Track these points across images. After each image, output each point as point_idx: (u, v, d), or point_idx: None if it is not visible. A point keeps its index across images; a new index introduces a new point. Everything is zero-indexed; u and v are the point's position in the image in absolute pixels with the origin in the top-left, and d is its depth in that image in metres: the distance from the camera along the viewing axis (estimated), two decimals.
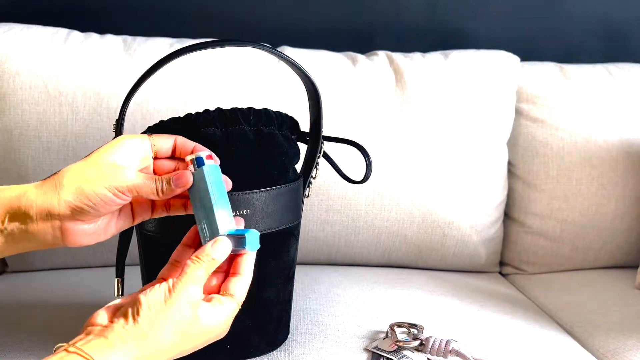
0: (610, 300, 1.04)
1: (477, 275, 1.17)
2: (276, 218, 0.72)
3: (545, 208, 1.19)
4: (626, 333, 0.92)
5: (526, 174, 1.20)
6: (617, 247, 1.21)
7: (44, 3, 1.26)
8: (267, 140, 0.72)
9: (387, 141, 1.10)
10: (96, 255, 1.08)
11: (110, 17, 1.28)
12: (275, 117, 0.73)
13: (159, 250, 0.71)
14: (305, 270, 1.07)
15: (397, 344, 0.77)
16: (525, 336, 0.88)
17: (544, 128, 1.19)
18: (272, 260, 0.74)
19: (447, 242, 1.13)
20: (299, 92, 1.05)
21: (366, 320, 0.86)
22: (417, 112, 1.11)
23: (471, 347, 0.79)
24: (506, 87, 1.18)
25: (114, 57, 1.06)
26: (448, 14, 1.36)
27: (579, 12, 1.39)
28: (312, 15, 1.33)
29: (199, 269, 0.54)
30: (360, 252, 1.13)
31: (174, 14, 1.30)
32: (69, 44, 1.07)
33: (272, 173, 0.72)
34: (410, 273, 1.12)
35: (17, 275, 1.07)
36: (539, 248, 1.20)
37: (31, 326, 0.82)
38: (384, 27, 1.34)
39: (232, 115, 0.71)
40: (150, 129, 0.70)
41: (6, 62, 1.03)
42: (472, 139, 1.13)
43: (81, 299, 0.93)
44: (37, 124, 1.02)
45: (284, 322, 0.79)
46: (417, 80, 1.13)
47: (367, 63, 1.15)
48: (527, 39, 1.38)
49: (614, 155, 1.18)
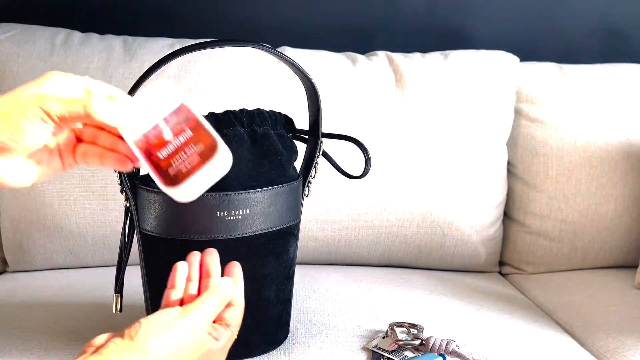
0: (609, 300, 1.05)
1: (477, 275, 1.17)
2: (276, 217, 0.72)
3: (545, 208, 1.19)
4: (625, 333, 0.92)
5: (526, 174, 1.21)
6: (616, 247, 1.21)
7: (44, 3, 1.26)
8: (262, 140, 0.72)
9: (387, 141, 1.10)
10: (96, 255, 1.09)
11: (110, 17, 1.28)
12: (269, 116, 0.74)
13: (159, 250, 0.72)
14: (305, 270, 1.07)
15: (397, 343, 0.77)
16: (524, 336, 0.88)
17: (543, 128, 1.20)
18: (271, 260, 0.74)
19: (447, 242, 1.13)
20: (298, 92, 1.05)
21: (366, 320, 0.86)
22: (416, 112, 1.12)
23: (471, 347, 0.79)
24: (506, 87, 1.18)
25: (114, 57, 1.06)
26: (448, 14, 1.36)
27: (578, 12, 1.39)
28: (312, 15, 1.33)
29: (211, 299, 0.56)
30: (360, 252, 1.13)
31: (174, 14, 1.30)
32: (69, 44, 1.07)
33: (269, 172, 0.72)
34: (410, 273, 1.12)
35: (17, 275, 1.08)
36: (538, 248, 1.21)
37: (31, 326, 0.82)
38: (384, 27, 1.35)
39: (225, 118, 0.71)
40: None
41: (6, 62, 1.03)
42: (472, 139, 1.13)
43: (81, 299, 0.93)
44: None
45: (284, 322, 0.79)
46: (417, 80, 1.13)
47: (367, 63, 1.15)
48: (526, 39, 1.38)
49: (614, 155, 1.18)
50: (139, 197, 0.71)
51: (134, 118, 0.53)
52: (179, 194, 0.52)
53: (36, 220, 1.05)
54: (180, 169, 0.52)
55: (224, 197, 0.68)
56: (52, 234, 1.05)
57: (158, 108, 0.54)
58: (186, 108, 0.54)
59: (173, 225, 0.69)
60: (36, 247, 1.06)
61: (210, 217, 0.69)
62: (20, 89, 0.52)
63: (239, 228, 0.70)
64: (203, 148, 0.52)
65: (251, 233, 0.71)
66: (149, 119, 0.54)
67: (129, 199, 0.71)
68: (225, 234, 0.69)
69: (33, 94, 0.51)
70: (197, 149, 0.52)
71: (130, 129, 0.53)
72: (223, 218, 0.69)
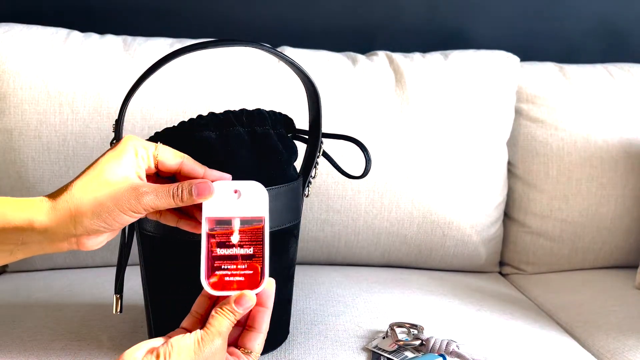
0: (610, 300, 1.05)
1: (477, 275, 1.17)
2: (276, 217, 0.72)
3: (545, 208, 1.19)
4: (626, 333, 0.92)
5: (526, 174, 1.21)
6: (616, 247, 1.21)
7: (44, 3, 1.26)
8: (262, 140, 0.72)
9: (387, 141, 1.10)
10: (96, 255, 1.09)
11: (110, 17, 1.28)
12: (269, 116, 0.74)
13: (159, 250, 0.72)
14: (305, 270, 1.07)
15: (397, 343, 0.77)
16: (525, 336, 0.88)
17: (543, 128, 1.20)
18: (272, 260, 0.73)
19: (447, 242, 1.13)
20: (298, 92, 1.05)
21: (366, 320, 0.86)
22: (417, 112, 1.11)
23: (471, 347, 0.79)
24: (506, 87, 1.18)
25: (114, 57, 1.06)
26: (448, 14, 1.36)
27: (579, 12, 1.39)
28: (312, 15, 1.33)
29: (225, 322, 0.55)
30: (360, 252, 1.13)
31: (174, 14, 1.30)
32: (69, 44, 1.07)
33: (269, 172, 0.72)
34: (410, 273, 1.12)
35: (17, 275, 1.08)
36: (538, 248, 1.20)
37: (31, 326, 0.82)
38: (384, 27, 1.35)
39: (225, 118, 0.71)
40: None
41: (6, 62, 1.03)
42: (472, 139, 1.13)
43: (81, 299, 0.93)
44: (37, 124, 1.02)
45: (283, 322, 0.79)
46: (417, 80, 1.13)
47: (367, 63, 1.15)
48: (527, 39, 1.38)
49: (614, 155, 1.18)
50: None
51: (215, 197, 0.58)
52: (209, 291, 0.56)
53: None
54: (225, 274, 0.56)
55: None
56: None
57: (243, 205, 0.58)
58: (263, 227, 0.57)
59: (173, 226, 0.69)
60: None
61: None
62: (105, 170, 0.55)
63: None
64: (252, 274, 0.56)
65: None
66: (230, 209, 0.57)
67: None
68: None
69: (130, 188, 0.55)
70: (247, 271, 0.56)
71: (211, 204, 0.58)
72: None
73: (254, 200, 0.58)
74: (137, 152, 0.57)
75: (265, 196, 0.58)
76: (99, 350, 0.75)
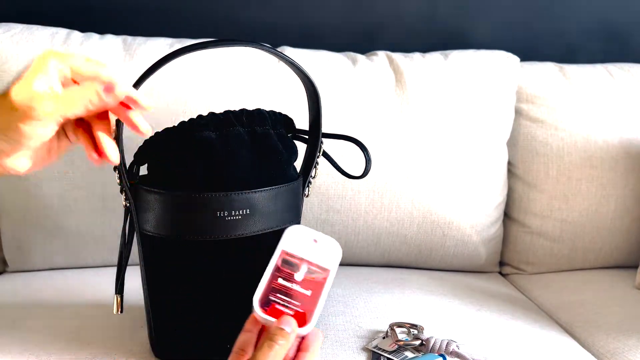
0: (610, 300, 1.05)
1: (477, 275, 1.17)
2: (276, 217, 0.72)
3: (545, 208, 1.19)
4: (626, 333, 0.92)
5: (526, 174, 1.21)
6: (616, 247, 1.21)
7: (44, 3, 1.26)
8: (262, 140, 0.72)
9: (387, 141, 1.10)
10: (96, 255, 1.08)
11: (110, 17, 1.28)
12: (269, 116, 0.74)
13: (159, 250, 0.72)
14: None
15: (397, 343, 0.77)
16: (525, 336, 0.88)
17: (543, 128, 1.19)
18: None
19: (447, 242, 1.13)
20: (298, 92, 1.05)
21: (366, 320, 0.86)
22: (417, 112, 1.11)
23: (471, 347, 0.79)
24: (506, 87, 1.18)
25: (114, 57, 1.06)
26: (448, 14, 1.36)
27: (579, 12, 1.39)
28: (312, 15, 1.33)
29: (280, 353, 0.54)
30: (360, 252, 1.13)
31: (174, 14, 1.30)
32: (69, 44, 1.07)
33: (270, 172, 0.72)
34: (410, 273, 1.12)
35: (17, 275, 1.07)
36: (538, 248, 1.20)
37: (31, 326, 0.82)
38: (384, 27, 1.34)
39: (225, 118, 0.71)
40: (146, 142, 0.70)
41: (6, 62, 1.03)
42: (472, 139, 1.13)
43: (81, 299, 0.93)
44: None
45: None
46: (417, 80, 1.13)
47: (367, 63, 1.15)
48: (527, 39, 1.38)
49: (614, 155, 1.18)
50: (139, 197, 0.71)
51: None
52: (257, 311, 0.55)
53: (36, 220, 1.04)
54: (277, 302, 0.56)
55: (224, 197, 0.68)
56: (52, 234, 1.05)
57: (317, 253, 0.59)
58: (327, 279, 0.58)
59: (173, 226, 0.69)
60: (36, 247, 1.06)
61: (210, 217, 0.69)
62: (16, 86, 0.52)
63: (239, 228, 0.70)
64: (302, 314, 0.56)
65: (251, 233, 0.71)
66: (305, 251, 0.59)
67: (128, 199, 0.71)
68: (225, 234, 0.69)
69: (29, 97, 0.52)
70: (298, 309, 0.56)
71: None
72: (223, 218, 0.69)
73: (328, 253, 0.59)
74: (48, 67, 0.54)
75: (339, 254, 0.59)
76: (99, 351, 0.75)
